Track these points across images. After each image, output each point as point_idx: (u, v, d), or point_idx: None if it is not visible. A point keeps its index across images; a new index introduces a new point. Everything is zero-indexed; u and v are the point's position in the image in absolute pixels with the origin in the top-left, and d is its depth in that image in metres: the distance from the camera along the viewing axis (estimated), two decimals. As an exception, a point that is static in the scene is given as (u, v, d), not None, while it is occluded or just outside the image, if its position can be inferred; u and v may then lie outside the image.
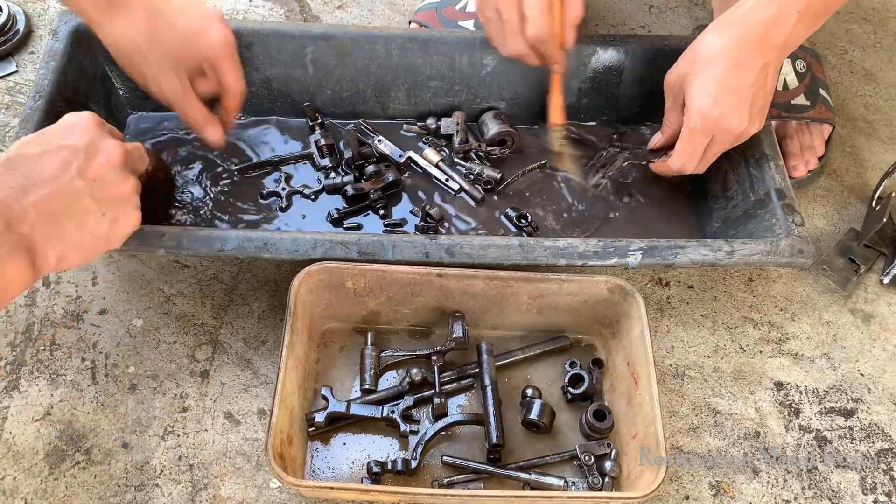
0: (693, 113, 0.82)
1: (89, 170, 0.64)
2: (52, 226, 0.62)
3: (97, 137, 0.66)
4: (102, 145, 0.66)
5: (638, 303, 0.81)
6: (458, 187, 0.96)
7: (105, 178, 0.65)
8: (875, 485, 0.83)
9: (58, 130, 0.65)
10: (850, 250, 0.98)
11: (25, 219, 0.61)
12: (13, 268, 0.60)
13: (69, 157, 0.63)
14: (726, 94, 0.80)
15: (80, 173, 0.63)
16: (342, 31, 0.96)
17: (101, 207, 0.65)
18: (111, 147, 0.66)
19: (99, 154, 0.65)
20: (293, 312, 0.78)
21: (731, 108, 0.81)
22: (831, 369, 0.90)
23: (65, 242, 0.63)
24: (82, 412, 0.81)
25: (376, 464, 0.76)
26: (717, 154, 0.87)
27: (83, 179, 0.64)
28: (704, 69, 0.81)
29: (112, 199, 0.66)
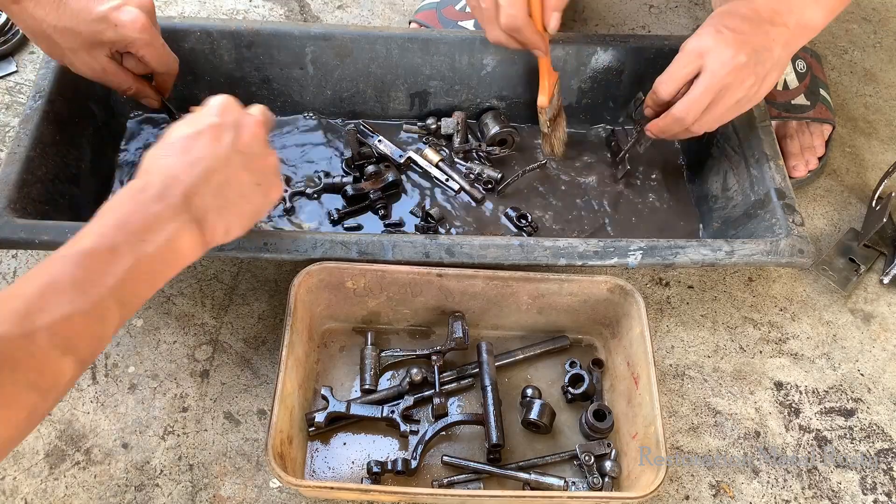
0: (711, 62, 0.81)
1: (240, 143, 0.67)
2: (220, 198, 0.65)
3: (240, 114, 0.69)
4: (246, 121, 0.69)
5: (638, 303, 0.81)
6: (459, 187, 0.96)
7: (254, 150, 0.68)
8: (875, 485, 0.83)
9: (204, 112, 0.69)
10: (850, 250, 0.98)
11: (198, 191, 0.63)
12: (188, 237, 0.63)
13: (221, 134, 0.67)
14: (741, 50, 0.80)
15: (234, 146, 0.67)
16: (342, 31, 0.96)
17: (256, 178, 0.68)
18: (254, 122, 0.70)
19: (245, 129, 0.68)
20: (293, 312, 0.78)
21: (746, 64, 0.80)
22: (831, 369, 0.90)
23: (231, 213, 0.66)
24: (82, 412, 0.81)
25: (376, 464, 0.76)
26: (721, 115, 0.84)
27: (239, 154, 0.67)
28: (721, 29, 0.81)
29: (262, 171, 0.69)
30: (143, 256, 0.59)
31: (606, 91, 1.01)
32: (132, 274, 0.59)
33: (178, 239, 0.62)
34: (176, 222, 0.62)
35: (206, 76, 0.97)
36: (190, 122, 0.68)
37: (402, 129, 1.02)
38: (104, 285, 0.57)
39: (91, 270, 0.57)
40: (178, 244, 0.62)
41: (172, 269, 0.63)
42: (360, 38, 0.96)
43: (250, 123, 0.69)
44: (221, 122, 0.68)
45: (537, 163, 0.98)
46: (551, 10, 0.84)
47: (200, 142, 0.66)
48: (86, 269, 0.57)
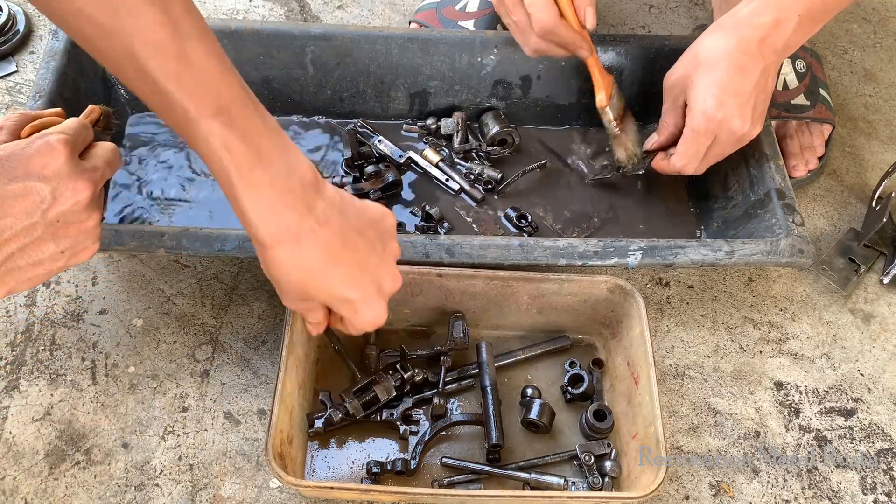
0: (697, 114, 0.82)
1: (54, 212, 0.60)
2: (7, 266, 0.60)
3: (66, 175, 0.60)
4: (72, 186, 0.60)
5: (638, 303, 0.81)
6: (459, 187, 0.96)
7: (70, 219, 0.61)
8: (875, 485, 0.83)
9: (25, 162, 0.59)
10: (851, 250, 0.98)
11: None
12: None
13: (34, 200, 0.59)
14: (729, 96, 0.80)
15: (44, 216, 0.59)
16: (342, 31, 0.96)
17: (59, 246, 0.62)
18: (80, 188, 0.61)
19: (66, 194, 0.60)
20: (293, 312, 0.78)
21: (733, 111, 0.81)
22: (831, 369, 0.90)
23: (17, 279, 0.61)
24: (82, 412, 0.81)
25: (376, 464, 0.76)
26: (719, 157, 0.87)
27: (45, 223, 0.60)
28: (707, 72, 0.81)
29: (73, 237, 0.62)
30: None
31: (606, 91, 1.01)
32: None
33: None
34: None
35: (206, 76, 0.97)
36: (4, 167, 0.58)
37: (402, 129, 1.02)
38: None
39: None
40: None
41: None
42: (360, 38, 0.96)
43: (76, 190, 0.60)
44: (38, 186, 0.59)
45: (537, 163, 0.98)
46: (584, 7, 0.85)
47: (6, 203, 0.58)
48: None
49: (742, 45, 0.80)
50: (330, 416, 0.78)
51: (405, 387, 0.80)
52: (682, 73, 0.84)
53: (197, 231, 0.79)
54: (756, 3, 0.81)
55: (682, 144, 0.85)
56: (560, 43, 0.86)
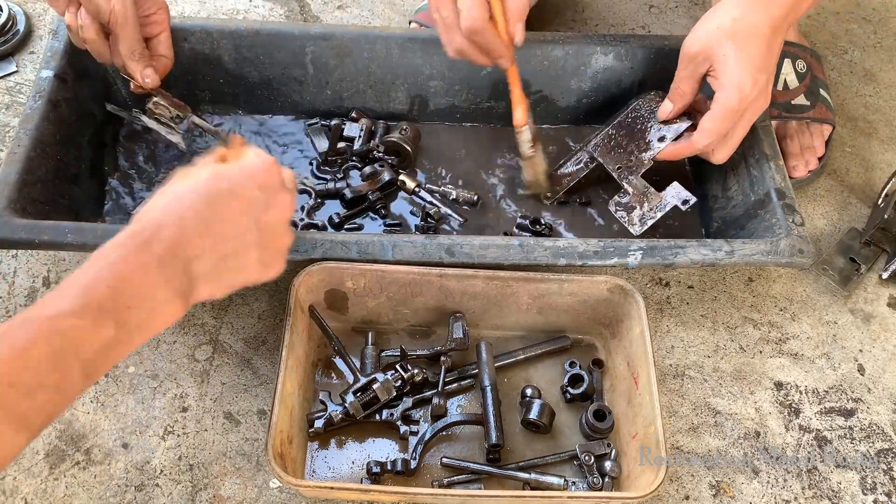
0: (731, 90, 0.80)
1: (264, 220, 0.63)
2: (218, 268, 0.61)
3: (276, 188, 0.65)
4: (282, 198, 0.65)
5: (638, 303, 0.81)
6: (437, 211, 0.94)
7: (274, 230, 0.64)
8: (875, 485, 0.83)
9: (245, 170, 0.64)
10: (851, 249, 0.98)
11: (201, 258, 0.60)
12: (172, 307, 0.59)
13: (251, 205, 0.62)
14: (762, 74, 0.80)
15: (257, 222, 0.63)
16: (342, 31, 0.96)
17: (262, 257, 0.64)
18: (287, 202, 0.66)
19: (276, 207, 0.64)
20: (293, 312, 0.78)
21: (763, 89, 0.81)
22: (831, 369, 0.90)
23: (220, 283, 0.63)
24: (82, 412, 0.81)
25: (376, 464, 0.76)
26: (740, 140, 0.85)
27: (257, 228, 0.63)
28: (742, 47, 0.79)
29: (273, 250, 0.65)
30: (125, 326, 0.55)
31: (606, 91, 1.01)
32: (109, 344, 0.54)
33: (162, 308, 0.58)
34: (167, 291, 0.58)
35: (206, 76, 0.97)
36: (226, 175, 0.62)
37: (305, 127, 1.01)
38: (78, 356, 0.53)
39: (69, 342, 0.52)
40: (161, 313, 0.58)
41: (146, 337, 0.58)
42: (360, 38, 0.96)
43: (284, 201, 0.65)
44: (256, 193, 0.63)
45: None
46: (515, 21, 0.83)
47: (227, 206, 0.61)
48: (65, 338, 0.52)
49: (770, 21, 0.79)
50: (330, 416, 0.78)
51: (405, 387, 0.80)
52: (708, 44, 0.81)
53: (197, 231, 0.79)
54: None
55: (711, 122, 0.82)
56: (484, 47, 0.84)
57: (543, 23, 1.19)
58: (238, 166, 0.64)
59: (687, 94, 0.87)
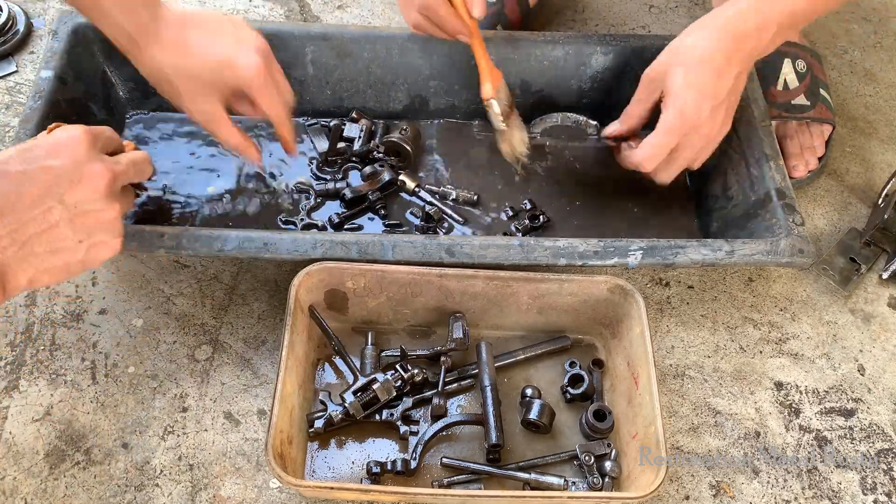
0: (673, 112, 0.81)
1: (69, 196, 0.61)
2: (24, 251, 0.60)
3: (85, 160, 0.62)
4: (88, 170, 0.62)
5: (638, 303, 0.81)
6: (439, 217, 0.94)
7: (86, 206, 0.62)
8: (875, 485, 0.83)
9: (45, 147, 0.62)
10: (851, 249, 0.98)
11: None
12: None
13: (51, 182, 0.60)
14: (706, 99, 0.80)
15: (60, 200, 0.61)
16: (342, 31, 0.96)
17: (77, 235, 0.62)
18: (97, 173, 0.63)
19: (83, 181, 0.62)
20: (293, 312, 0.78)
21: (707, 114, 0.81)
22: (831, 369, 0.90)
23: (36, 268, 0.62)
24: (82, 412, 0.81)
25: (376, 464, 0.76)
26: (688, 161, 0.85)
27: (63, 207, 0.61)
28: (688, 72, 0.80)
29: (91, 227, 0.63)
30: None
31: (606, 91, 1.01)
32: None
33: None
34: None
35: (206, 76, 0.97)
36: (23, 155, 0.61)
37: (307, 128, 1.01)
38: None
39: None
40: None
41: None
42: (360, 38, 0.96)
43: (93, 174, 0.62)
44: (56, 168, 0.61)
45: None
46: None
47: (23, 186, 0.59)
48: None
49: (724, 49, 0.80)
50: (330, 417, 0.78)
51: (405, 387, 0.80)
52: (663, 69, 0.83)
53: (197, 231, 0.79)
54: (741, 5, 0.81)
55: (652, 138, 0.84)
56: (438, 22, 0.85)
57: (543, 23, 1.19)
58: (40, 144, 0.62)
59: (635, 117, 0.88)
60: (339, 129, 0.98)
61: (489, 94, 0.90)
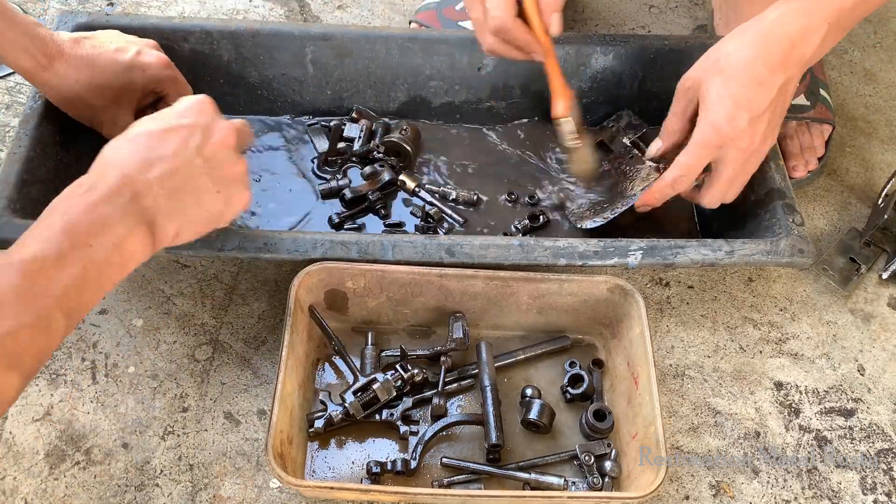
0: (705, 125, 0.77)
1: (206, 148, 0.66)
2: (172, 201, 0.64)
3: (212, 118, 0.68)
4: (217, 126, 0.68)
5: (638, 303, 0.81)
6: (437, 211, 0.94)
7: (220, 158, 0.67)
8: (875, 485, 0.83)
9: (176, 110, 0.67)
10: (851, 249, 0.98)
11: (149, 192, 0.62)
12: (136, 240, 0.62)
13: (188, 136, 0.65)
14: (743, 111, 0.75)
15: (199, 151, 0.65)
16: (342, 31, 0.96)
17: (216, 186, 0.67)
18: (225, 128, 0.68)
19: (214, 134, 0.67)
20: (293, 312, 0.78)
21: (744, 127, 0.76)
22: (831, 369, 0.90)
23: (183, 217, 0.65)
24: (82, 412, 0.81)
25: (376, 464, 0.76)
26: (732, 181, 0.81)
27: (201, 157, 0.65)
28: (725, 81, 0.75)
29: (226, 178, 0.68)
30: (91, 262, 0.58)
31: (607, 91, 1.01)
32: (79, 281, 0.57)
33: (126, 242, 0.61)
34: (124, 225, 0.61)
35: (206, 76, 0.97)
36: (158, 119, 0.67)
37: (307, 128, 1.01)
38: (50, 295, 0.56)
39: (36, 280, 0.55)
40: (127, 247, 0.61)
41: (121, 273, 0.62)
42: (360, 38, 0.96)
43: (222, 129, 0.68)
44: (191, 124, 0.66)
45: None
46: (550, 12, 0.82)
47: (164, 141, 0.65)
48: (31, 279, 0.55)
49: (766, 56, 0.74)
50: (330, 417, 0.78)
51: (405, 387, 0.80)
52: (699, 78, 0.78)
53: (197, 231, 0.79)
54: (783, 8, 0.75)
55: (682, 155, 0.79)
56: (514, 44, 0.84)
57: (543, 23, 1.19)
58: (169, 109, 0.68)
59: (676, 131, 0.83)
60: (339, 129, 0.98)
61: (561, 112, 0.88)
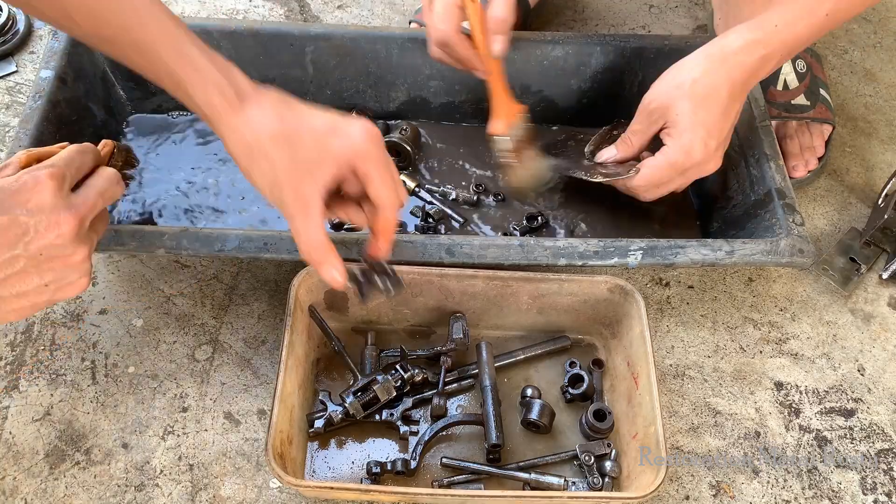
0: (678, 149, 0.80)
1: (35, 245, 0.61)
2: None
3: (50, 209, 0.61)
4: (55, 219, 0.61)
5: (638, 303, 0.81)
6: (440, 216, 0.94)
7: (53, 252, 0.62)
8: (875, 485, 0.83)
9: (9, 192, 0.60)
10: (852, 249, 0.98)
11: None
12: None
13: (16, 232, 0.60)
14: (713, 139, 0.80)
15: (25, 249, 0.60)
16: (342, 31, 0.96)
17: (44, 279, 0.62)
18: (63, 220, 0.61)
19: (49, 229, 0.61)
20: (293, 312, 0.78)
21: (711, 154, 0.81)
22: (831, 369, 0.90)
23: (2, 309, 0.62)
24: (82, 412, 0.81)
25: (376, 464, 0.76)
26: (672, 189, 0.85)
27: (28, 255, 0.61)
28: (694, 109, 0.79)
29: (58, 269, 0.63)
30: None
31: (607, 91, 1.01)
32: None
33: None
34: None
35: (206, 76, 0.97)
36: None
37: None
38: None
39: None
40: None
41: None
42: (360, 38, 0.96)
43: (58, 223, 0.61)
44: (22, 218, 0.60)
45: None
46: (493, 35, 0.84)
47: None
48: None
49: (730, 85, 0.79)
50: (330, 417, 0.78)
51: (405, 387, 0.80)
52: (666, 101, 0.81)
53: (197, 231, 0.79)
54: (747, 36, 0.79)
55: (653, 171, 0.83)
56: (456, 57, 0.85)
57: (543, 23, 1.19)
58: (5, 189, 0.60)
59: (634, 147, 0.86)
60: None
61: (497, 130, 0.88)
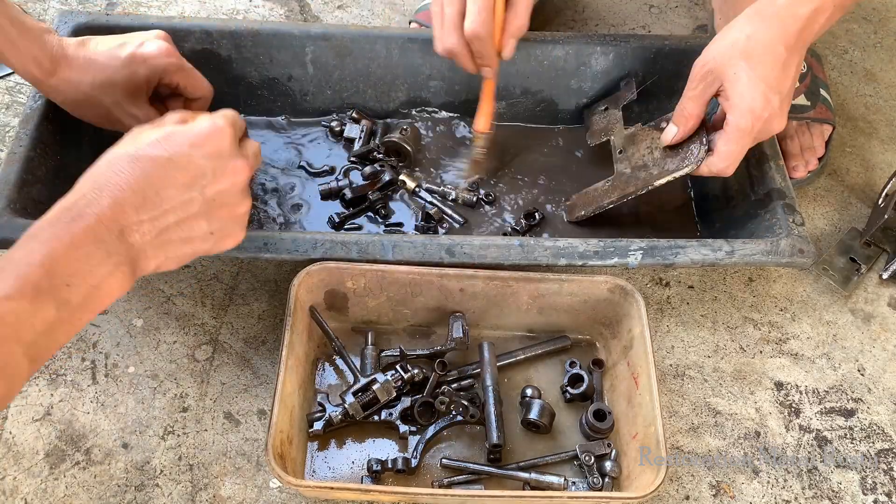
0: (744, 112, 0.77)
1: (211, 190, 0.62)
2: (161, 238, 0.61)
3: (228, 156, 0.62)
4: (232, 166, 0.63)
5: (638, 303, 0.81)
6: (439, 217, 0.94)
7: (224, 200, 0.63)
8: (875, 485, 0.83)
9: (189, 137, 0.61)
10: (852, 249, 0.98)
11: (139, 229, 0.59)
12: (115, 281, 0.58)
13: (194, 177, 0.61)
14: (775, 94, 0.77)
15: (202, 192, 0.61)
16: (342, 31, 0.96)
17: (211, 226, 0.63)
18: (239, 169, 0.63)
19: (225, 176, 0.62)
20: (293, 312, 0.78)
21: (777, 110, 0.78)
22: (831, 369, 0.90)
23: (167, 254, 0.62)
24: (82, 412, 0.81)
25: (377, 462, 0.76)
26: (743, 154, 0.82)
27: (203, 199, 0.61)
28: (753, 66, 0.76)
29: (224, 219, 0.64)
30: (66, 305, 0.54)
31: (607, 91, 1.01)
32: (51, 325, 0.53)
33: (105, 283, 0.57)
34: (106, 266, 0.57)
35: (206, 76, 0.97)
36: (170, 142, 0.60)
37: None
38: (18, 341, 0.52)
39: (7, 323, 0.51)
40: (105, 288, 0.57)
41: (94, 314, 0.57)
42: (360, 38, 0.96)
43: (235, 169, 0.63)
44: (201, 161, 0.61)
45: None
46: (509, 37, 0.84)
47: (167, 177, 0.59)
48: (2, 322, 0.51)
49: (785, 38, 0.76)
50: (330, 417, 0.78)
51: (405, 387, 0.80)
52: (720, 62, 0.78)
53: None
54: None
55: (727, 144, 0.80)
56: (478, 54, 0.84)
57: (543, 23, 1.19)
58: (184, 132, 0.61)
59: (693, 116, 0.83)
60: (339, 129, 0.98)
61: (482, 127, 0.94)
